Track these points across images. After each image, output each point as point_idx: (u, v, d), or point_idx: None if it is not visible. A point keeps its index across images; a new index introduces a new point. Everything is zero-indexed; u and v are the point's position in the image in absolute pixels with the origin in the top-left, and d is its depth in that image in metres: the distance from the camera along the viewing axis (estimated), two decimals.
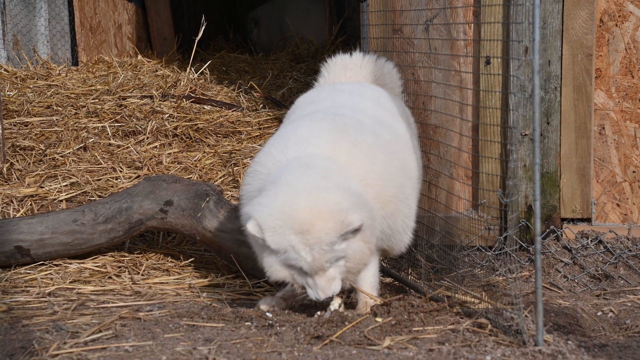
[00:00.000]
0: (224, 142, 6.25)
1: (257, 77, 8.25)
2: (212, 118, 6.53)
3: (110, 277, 4.73)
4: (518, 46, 4.23)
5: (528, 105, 4.80)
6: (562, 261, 4.88)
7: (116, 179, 5.71)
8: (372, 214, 3.78)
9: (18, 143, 6.08)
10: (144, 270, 4.83)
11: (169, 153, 6.06)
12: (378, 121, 4.16)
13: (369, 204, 3.78)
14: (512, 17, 4.54)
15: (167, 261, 4.97)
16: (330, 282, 3.71)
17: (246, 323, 3.87)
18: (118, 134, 6.30)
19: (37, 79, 7.45)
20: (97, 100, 6.80)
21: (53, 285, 4.57)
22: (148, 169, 5.84)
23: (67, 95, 6.99)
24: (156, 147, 6.15)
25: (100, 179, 5.69)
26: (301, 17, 10.79)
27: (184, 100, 6.80)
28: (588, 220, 4.94)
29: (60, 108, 6.69)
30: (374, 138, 3.99)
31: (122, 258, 4.95)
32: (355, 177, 3.81)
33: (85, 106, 6.65)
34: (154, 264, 4.92)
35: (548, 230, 4.92)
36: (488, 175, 4.72)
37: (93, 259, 4.90)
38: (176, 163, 5.96)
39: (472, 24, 4.89)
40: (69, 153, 6.01)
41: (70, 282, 4.62)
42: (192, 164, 5.92)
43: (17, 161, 5.91)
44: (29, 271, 4.76)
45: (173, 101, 6.75)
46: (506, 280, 4.49)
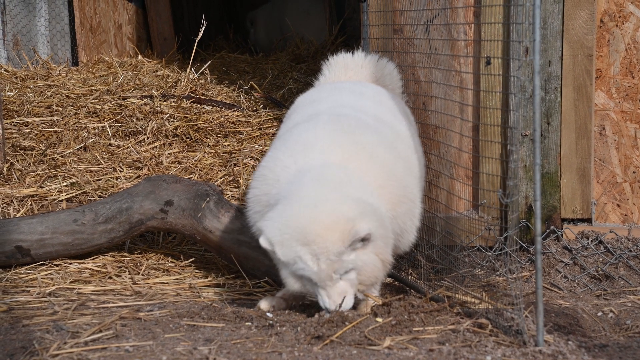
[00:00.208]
0: (224, 142, 6.25)
1: (257, 78, 8.24)
2: (212, 118, 6.52)
3: (110, 277, 4.73)
4: (518, 46, 4.23)
5: (528, 105, 4.80)
6: (563, 261, 4.88)
7: (116, 179, 5.71)
8: (383, 223, 3.77)
9: (18, 143, 6.07)
10: (145, 270, 4.83)
11: (169, 153, 6.06)
12: (380, 120, 4.16)
13: (380, 214, 3.77)
14: (513, 18, 4.54)
15: (168, 261, 4.97)
16: (341, 294, 3.71)
17: (246, 323, 3.87)
18: (118, 134, 6.29)
19: (37, 79, 7.44)
20: (97, 100, 6.79)
21: (53, 285, 4.57)
22: (148, 169, 5.83)
23: (67, 95, 6.98)
24: (156, 147, 6.15)
25: (100, 179, 5.69)
26: (301, 18, 10.78)
27: (184, 100, 6.80)
28: (588, 220, 4.94)
29: (60, 108, 6.69)
30: (380, 138, 4.00)
31: (123, 258, 4.94)
32: (366, 181, 3.81)
33: (85, 106, 6.65)
34: (155, 264, 4.92)
35: (548, 230, 4.92)
36: (488, 175, 4.72)
37: (93, 259, 4.90)
38: (176, 163, 5.96)
39: (473, 25, 4.89)
40: (69, 153, 6.01)
41: (70, 282, 4.62)
42: (193, 164, 5.92)
43: (18, 161, 5.91)
44: (29, 271, 4.76)
45: (173, 101, 6.75)
46: (506, 280, 4.49)
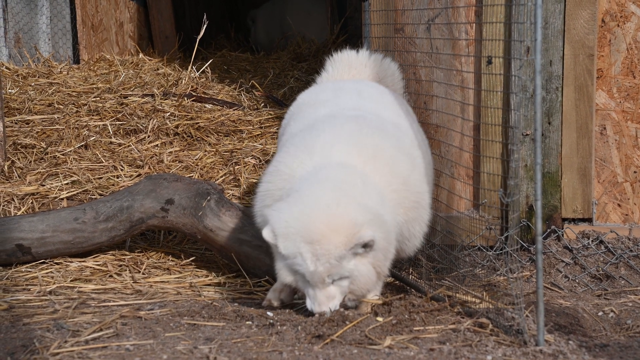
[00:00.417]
0: (225, 141, 6.24)
1: (259, 76, 8.24)
2: (214, 117, 6.52)
3: (111, 276, 4.73)
4: (520, 46, 4.23)
5: (529, 105, 4.80)
6: (563, 261, 4.88)
7: (117, 178, 5.71)
8: (388, 236, 3.77)
9: (19, 141, 6.08)
10: (145, 269, 4.83)
11: (170, 152, 6.06)
12: (397, 126, 4.15)
13: (388, 226, 3.77)
14: (514, 17, 4.53)
15: (168, 260, 4.97)
16: (328, 299, 3.72)
17: (247, 322, 3.87)
18: (119, 133, 6.29)
19: (39, 77, 7.44)
20: (99, 98, 6.80)
21: (54, 283, 4.57)
22: (149, 168, 5.84)
23: (69, 93, 6.98)
24: (157, 146, 6.15)
25: (101, 178, 5.69)
26: (302, 16, 10.78)
27: (185, 98, 6.80)
28: (589, 220, 4.94)
29: (61, 106, 6.69)
30: (398, 144, 3.99)
31: (123, 257, 4.94)
32: (381, 186, 3.81)
33: (86, 104, 6.65)
34: (155, 263, 4.92)
35: (549, 230, 4.92)
36: (489, 175, 4.72)
37: (94, 258, 4.89)
38: (177, 162, 5.96)
39: (474, 24, 4.89)
40: (70, 151, 6.01)
41: (71, 281, 4.62)
42: (193, 163, 5.92)
43: (19, 159, 5.91)
44: (30, 269, 4.76)
45: (174, 100, 6.75)
46: (507, 280, 4.49)
